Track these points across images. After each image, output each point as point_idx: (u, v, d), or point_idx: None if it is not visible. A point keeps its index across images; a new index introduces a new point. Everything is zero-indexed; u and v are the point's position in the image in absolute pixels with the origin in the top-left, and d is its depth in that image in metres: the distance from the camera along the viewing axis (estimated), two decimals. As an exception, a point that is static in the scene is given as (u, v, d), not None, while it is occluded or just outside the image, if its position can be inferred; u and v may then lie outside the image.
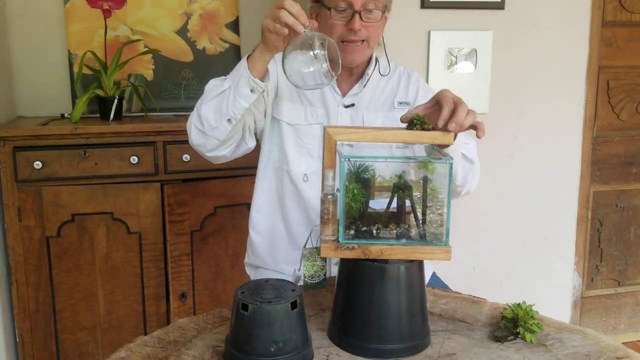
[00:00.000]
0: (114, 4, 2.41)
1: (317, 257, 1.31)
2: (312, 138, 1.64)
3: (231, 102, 1.43)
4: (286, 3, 1.28)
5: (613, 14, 2.78)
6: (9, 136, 2.15)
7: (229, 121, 1.45)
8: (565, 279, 2.93)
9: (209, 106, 1.46)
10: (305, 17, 1.28)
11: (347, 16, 1.55)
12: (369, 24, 1.56)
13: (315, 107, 1.66)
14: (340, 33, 1.56)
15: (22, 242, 2.21)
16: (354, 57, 1.59)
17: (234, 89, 1.43)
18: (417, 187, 1.20)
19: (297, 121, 1.65)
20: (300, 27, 1.27)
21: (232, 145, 1.55)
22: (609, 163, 2.93)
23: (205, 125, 1.47)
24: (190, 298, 2.36)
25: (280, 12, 1.27)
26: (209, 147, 1.52)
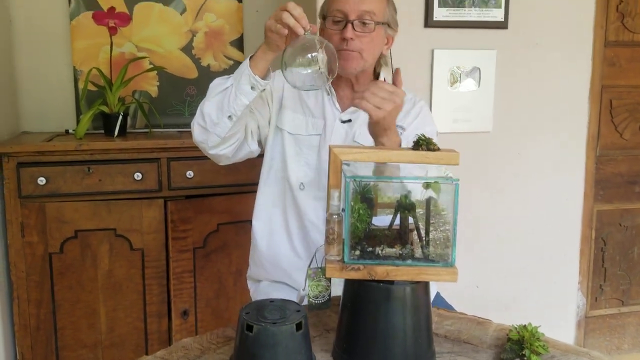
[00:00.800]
0: (120, 22, 2.42)
1: (321, 277, 1.30)
2: (311, 148, 1.69)
3: (232, 99, 1.49)
4: (289, 5, 1.36)
5: (615, 34, 2.79)
6: (13, 152, 2.15)
7: (230, 118, 1.51)
8: (569, 299, 2.91)
9: (212, 102, 1.52)
10: (307, 21, 1.35)
11: (341, 26, 1.59)
12: (363, 34, 1.59)
13: (316, 118, 1.70)
14: (335, 43, 1.57)
15: (25, 259, 2.20)
16: (346, 64, 1.60)
17: (235, 86, 1.49)
18: (420, 204, 1.20)
19: (298, 131, 1.70)
20: (301, 29, 1.35)
21: (233, 144, 1.60)
22: (613, 182, 2.92)
23: (207, 121, 1.53)
24: (192, 315, 2.35)
25: (283, 13, 1.35)
26: (211, 143, 1.56)
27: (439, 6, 2.46)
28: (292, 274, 1.73)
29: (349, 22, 1.57)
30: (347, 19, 1.57)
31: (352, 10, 1.57)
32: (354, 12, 1.57)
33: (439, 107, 2.54)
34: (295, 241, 1.74)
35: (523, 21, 2.59)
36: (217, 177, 2.31)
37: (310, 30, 1.35)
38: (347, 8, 1.57)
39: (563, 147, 2.75)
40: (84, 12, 2.57)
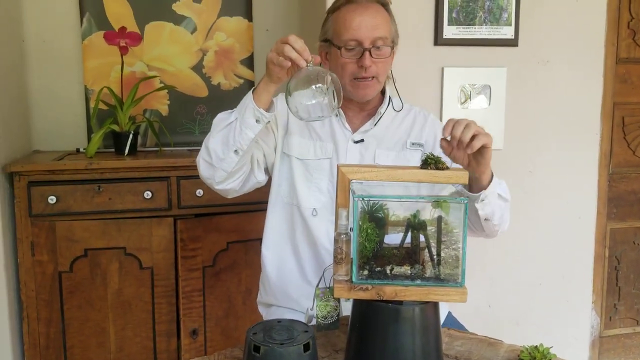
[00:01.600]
0: (131, 41, 2.44)
1: (330, 297, 1.29)
2: (321, 173, 1.66)
3: (238, 133, 1.47)
4: (290, 39, 1.34)
5: (627, 51, 2.78)
6: (24, 171, 2.16)
7: (236, 152, 1.49)
8: (583, 318, 2.87)
9: (217, 138, 1.51)
10: (308, 53, 1.34)
11: (357, 54, 1.58)
12: (379, 60, 1.59)
13: (324, 142, 1.68)
14: (352, 71, 1.59)
15: (35, 277, 2.20)
16: (365, 92, 1.62)
17: (240, 120, 1.47)
18: (431, 222, 1.19)
19: (307, 156, 1.67)
20: (303, 61, 1.33)
21: (240, 177, 1.58)
22: (626, 200, 2.89)
23: (213, 157, 1.51)
24: (201, 335, 2.34)
25: (285, 46, 1.34)
26: (217, 179, 1.55)
27: (448, 24, 2.46)
28: (303, 302, 1.68)
29: (365, 50, 1.57)
30: (362, 47, 1.57)
31: (366, 37, 1.57)
32: (367, 40, 1.57)
33: (449, 124, 2.53)
34: (307, 269, 1.70)
35: (533, 38, 2.59)
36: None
37: (312, 62, 1.34)
38: (360, 36, 1.57)
39: (575, 165, 2.73)
40: (96, 31, 2.59)
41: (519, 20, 2.54)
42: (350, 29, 1.57)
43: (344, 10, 1.60)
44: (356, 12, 1.58)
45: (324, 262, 1.65)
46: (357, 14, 1.57)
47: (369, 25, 1.57)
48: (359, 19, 1.57)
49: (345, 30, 1.58)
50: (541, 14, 2.58)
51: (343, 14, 1.60)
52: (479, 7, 2.49)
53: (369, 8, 1.59)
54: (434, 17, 2.46)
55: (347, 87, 1.61)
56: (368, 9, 1.59)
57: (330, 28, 1.64)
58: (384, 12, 1.62)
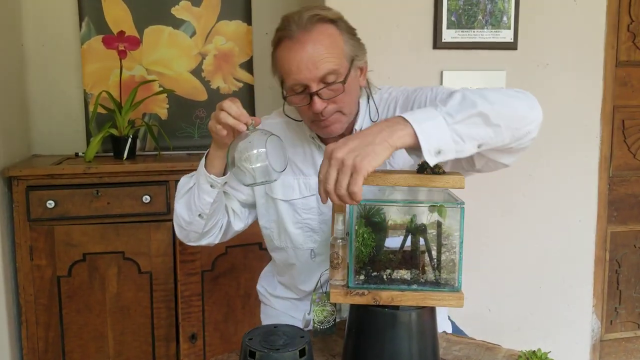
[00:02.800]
0: (130, 45, 2.44)
1: (326, 302, 1.28)
2: (310, 211, 1.53)
3: (197, 199, 1.44)
4: (225, 105, 1.28)
5: (627, 54, 2.77)
6: (23, 175, 2.16)
7: (200, 216, 1.46)
8: (584, 322, 2.86)
9: (181, 204, 1.49)
10: (247, 116, 1.27)
11: (306, 98, 1.37)
12: (335, 96, 1.37)
13: (308, 176, 1.53)
14: (308, 115, 1.41)
15: (33, 282, 2.20)
16: (331, 130, 1.42)
17: (197, 186, 1.44)
18: (431, 226, 1.18)
19: (292, 196, 1.54)
20: (242, 126, 1.26)
21: (215, 233, 1.55)
22: (626, 203, 2.89)
23: (181, 221, 1.50)
24: (200, 339, 2.33)
25: (221, 114, 1.28)
26: (192, 239, 1.54)
27: (447, 28, 2.46)
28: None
29: (312, 94, 1.34)
30: (309, 92, 1.35)
31: (310, 79, 1.33)
32: (314, 81, 1.34)
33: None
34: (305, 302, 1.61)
35: (533, 42, 2.58)
36: (225, 200, 2.31)
37: (253, 124, 1.27)
38: (303, 79, 1.34)
39: (575, 168, 2.72)
40: (95, 36, 2.60)
41: (518, 24, 2.54)
42: (291, 74, 1.35)
43: (281, 47, 1.37)
44: (292, 50, 1.34)
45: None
46: (294, 53, 1.33)
47: (310, 65, 1.32)
48: (298, 60, 1.33)
49: (286, 75, 1.37)
50: (540, 17, 2.58)
51: (282, 55, 1.37)
52: (479, 10, 2.49)
53: (307, 41, 1.33)
54: (433, 21, 2.46)
55: (312, 128, 1.47)
56: (306, 43, 1.33)
57: (276, 69, 1.42)
58: (330, 34, 1.36)
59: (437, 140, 1.10)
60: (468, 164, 1.37)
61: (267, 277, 1.79)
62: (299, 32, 1.33)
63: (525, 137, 1.27)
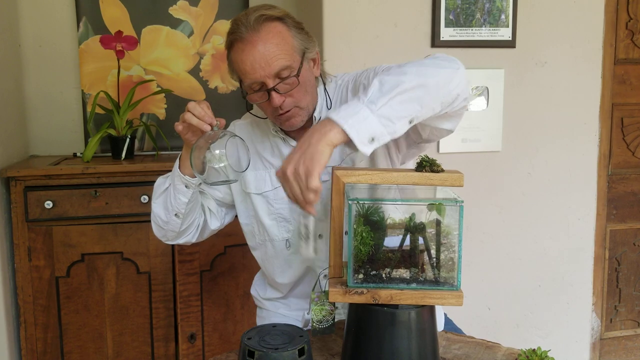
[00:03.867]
0: (127, 45, 2.43)
1: (325, 301, 1.28)
2: (281, 201, 1.56)
3: (173, 199, 1.50)
4: (190, 106, 1.36)
5: (625, 52, 2.77)
6: (20, 176, 2.16)
7: (177, 215, 1.52)
8: (584, 320, 2.86)
9: (158, 203, 1.55)
10: (211, 117, 1.34)
11: (264, 95, 1.42)
12: (291, 90, 1.42)
13: (277, 168, 1.51)
14: (270, 110, 1.46)
15: (32, 283, 2.20)
16: (291, 123, 1.47)
17: (172, 187, 1.50)
18: (430, 224, 1.18)
19: (264, 188, 1.58)
20: (206, 126, 1.33)
21: (192, 232, 1.61)
22: (626, 201, 2.88)
23: (158, 220, 1.56)
24: (199, 339, 2.33)
25: (186, 114, 1.35)
26: (170, 238, 1.61)
27: (445, 26, 2.46)
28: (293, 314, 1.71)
29: (269, 90, 1.40)
30: (266, 88, 1.40)
31: (265, 76, 1.39)
32: (269, 78, 1.39)
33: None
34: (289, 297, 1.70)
35: (531, 40, 2.58)
36: (224, 199, 2.30)
37: (217, 125, 1.35)
38: (258, 77, 1.39)
39: (574, 166, 2.72)
40: (93, 36, 2.59)
41: (516, 22, 2.54)
42: (246, 74, 1.40)
43: (234, 50, 1.42)
44: (245, 51, 1.38)
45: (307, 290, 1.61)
46: (246, 54, 1.38)
47: (262, 63, 1.37)
48: (251, 60, 1.38)
49: (243, 75, 1.42)
50: (539, 15, 2.58)
51: (235, 57, 1.42)
52: (477, 9, 2.48)
53: (257, 41, 1.37)
54: (431, 20, 2.46)
55: (276, 122, 1.52)
56: (256, 43, 1.37)
57: (233, 70, 1.47)
58: (278, 32, 1.41)
59: (366, 130, 1.15)
60: (416, 136, 1.46)
61: (258, 280, 1.82)
62: (247, 33, 1.38)
63: (456, 100, 1.30)
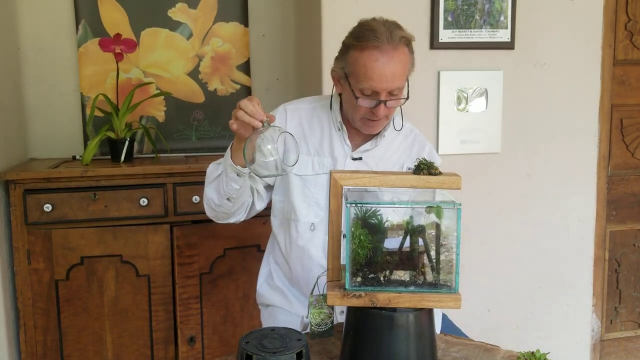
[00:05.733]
0: (126, 48, 2.43)
1: (323, 304, 1.28)
2: (320, 188, 1.67)
3: (225, 185, 1.58)
4: (242, 104, 1.43)
5: (624, 53, 2.77)
6: (20, 179, 2.16)
7: (229, 200, 1.61)
8: (584, 321, 2.85)
9: (211, 188, 1.64)
10: (262, 114, 1.41)
11: (372, 102, 1.55)
12: (392, 106, 1.58)
13: (322, 157, 1.70)
14: (364, 112, 1.59)
15: (31, 286, 2.19)
16: (373, 129, 1.65)
17: (225, 174, 1.58)
18: (430, 226, 1.18)
19: (305, 172, 1.69)
20: (258, 123, 1.40)
21: (241, 213, 1.69)
22: (625, 202, 2.88)
23: (211, 203, 1.65)
24: (199, 342, 2.33)
25: (238, 112, 1.43)
26: (221, 218, 1.70)
27: (444, 28, 2.46)
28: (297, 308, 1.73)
29: (381, 102, 1.54)
30: (379, 99, 1.54)
31: (384, 89, 1.52)
32: (385, 92, 1.53)
33: (447, 128, 2.53)
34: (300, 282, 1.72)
35: (530, 41, 2.58)
36: (223, 202, 2.30)
37: (268, 121, 1.40)
38: (379, 88, 1.52)
39: (573, 168, 2.72)
40: (92, 38, 2.59)
41: (515, 23, 2.54)
42: (370, 80, 1.52)
43: (367, 54, 1.52)
44: (379, 61, 1.51)
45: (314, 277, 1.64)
46: (380, 64, 1.51)
47: (389, 78, 1.52)
48: (381, 70, 1.51)
49: (365, 79, 1.53)
50: (537, 16, 2.58)
51: (366, 60, 1.52)
52: (477, 10, 2.48)
53: (393, 57, 1.51)
54: (430, 21, 2.45)
55: (357, 122, 1.64)
56: (392, 58, 1.51)
57: (350, 64, 1.57)
58: (407, 55, 1.56)
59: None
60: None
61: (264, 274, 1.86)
62: (388, 46, 1.51)
63: None
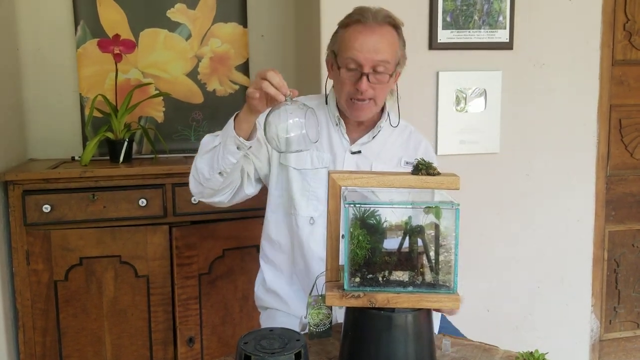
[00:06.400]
0: (125, 49, 2.43)
1: (322, 305, 1.28)
2: (319, 182, 1.68)
3: (221, 158, 1.53)
4: (268, 75, 1.38)
5: (623, 53, 2.77)
6: (19, 180, 2.15)
7: (221, 174, 1.55)
8: (583, 322, 2.85)
9: (203, 160, 1.57)
10: (286, 88, 1.38)
11: (355, 76, 1.58)
12: (377, 84, 1.59)
13: (321, 152, 1.70)
14: (349, 90, 1.60)
15: (30, 286, 2.19)
16: (359, 113, 1.63)
17: (223, 146, 1.52)
18: (430, 227, 1.18)
19: (304, 166, 1.69)
20: (282, 96, 1.37)
21: (228, 192, 1.65)
22: (624, 202, 2.88)
23: (200, 176, 1.59)
24: (198, 343, 2.33)
25: (263, 83, 1.38)
26: (206, 195, 1.64)
27: (442, 28, 2.46)
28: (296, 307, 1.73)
29: (363, 74, 1.56)
30: (361, 71, 1.56)
31: (366, 60, 1.55)
32: (368, 63, 1.55)
33: (445, 128, 2.53)
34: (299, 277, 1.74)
35: (528, 41, 2.58)
36: (222, 203, 2.30)
37: (290, 96, 1.37)
38: (361, 58, 1.55)
39: (572, 168, 2.72)
40: (90, 39, 2.59)
41: (513, 23, 2.54)
42: (352, 49, 1.56)
43: (352, 28, 1.58)
44: (362, 33, 1.56)
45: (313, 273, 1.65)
46: (362, 35, 1.56)
47: (371, 49, 1.55)
48: (362, 40, 1.55)
49: (347, 49, 1.57)
50: (536, 16, 2.58)
51: (350, 33, 1.58)
52: (475, 10, 2.48)
53: (376, 31, 1.56)
54: (428, 22, 2.46)
55: (344, 105, 1.64)
56: (375, 32, 1.56)
57: (337, 42, 1.63)
58: (393, 36, 1.60)
59: None
60: None
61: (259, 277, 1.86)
62: (372, 22, 1.57)
63: None
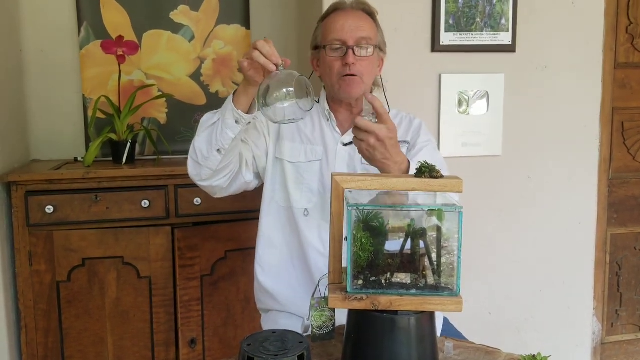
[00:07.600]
0: (128, 50, 2.44)
1: (325, 307, 1.28)
2: (312, 174, 1.73)
3: (219, 133, 1.54)
4: (258, 44, 1.40)
5: (625, 56, 2.77)
6: (21, 181, 2.16)
7: (219, 151, 1.56)
8: (585, 325, 2.85)
9: (202, 137, 1.58)
10: (278, 57, 1.39)
11: (341, 52, 1.67)
12: (362, 58, 1.67)
13: (314, 145, 1.76)
14: (337, 69, 1.68)
15: (33, 287, 2.20)
16: (351, 90, 1.68)
17: (221, 121, 1.54)
18: (432, 229, 1.18)
19: (298, 159, 1.74)
20: (272, 66, 1.37)
21: (226, 175, 1.65)
22: (626, 205, 2.88)
23: (198, 155, 1.59)
24: (200, 344, 2.33)
25: (254, 52, 1.39)
26: (204, 176, 1.63)
27: (445, 31, 2.46)
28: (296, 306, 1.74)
29: (349, 47, 1.65)
30: (346, 46, 1.66)
31: (349, 37, 1.66)
32: (351, 39, 1.66)
33: (448, 131, 2.53)
34: (298, 270, 1.76)
35: (531, 44, 2.58)
36: (224, 204, 2.29)
37: (283, 65, 1.38)
38: (344, 36, 1.67)
39: (574, 170, 2.72)
40: (94, 41, 2.59)
41: (516, 26, 2.54)
42: (334, 30, 1.68)
43: (330, 16, 1.72)
44: (341, 16, 1.70)
45: (312, 265, 1.69)
46: (342, 18, 1.69)
47: (352, 26, 1.67)
48: (343, 21, 1.68)
49: (330, 32, 1.69)
50: (539, 19, 2.58)
51: (329, 21, 1.71)
52: (478, 13, 2.48)
53: (354, 14, 1.70)
54: (431, 24, 2.46)
55: (335, 86, 1.70)
56: (353, 15, 1.70)
57: (319, 34, 1.75)
58: (370, 20, 1.73)
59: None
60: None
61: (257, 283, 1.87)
62: (349, 7, 1.72)
63: None
